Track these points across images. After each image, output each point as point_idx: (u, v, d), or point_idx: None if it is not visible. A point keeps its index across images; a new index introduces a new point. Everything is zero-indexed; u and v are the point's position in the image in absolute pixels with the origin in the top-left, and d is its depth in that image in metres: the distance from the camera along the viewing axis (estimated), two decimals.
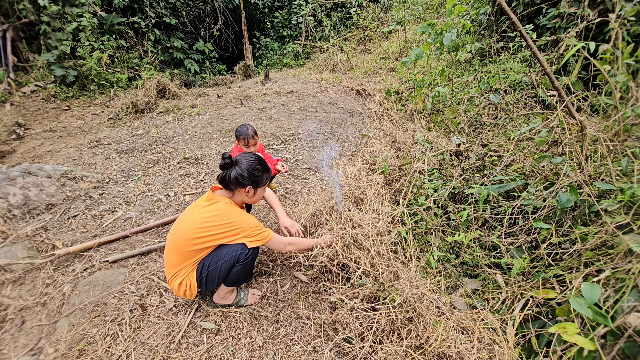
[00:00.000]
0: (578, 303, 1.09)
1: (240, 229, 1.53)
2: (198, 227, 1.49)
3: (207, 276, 1.57)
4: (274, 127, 4.41)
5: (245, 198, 1.62)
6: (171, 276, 1.58)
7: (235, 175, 1.53)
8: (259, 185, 1.62)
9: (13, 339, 1.68)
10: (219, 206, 1.54)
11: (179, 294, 1.61)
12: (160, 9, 7.75)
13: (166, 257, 1.60)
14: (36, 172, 2.84)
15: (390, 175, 2.43)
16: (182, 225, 1.55)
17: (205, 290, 1.63)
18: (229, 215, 1.53)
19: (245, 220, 1.56)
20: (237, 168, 1.54)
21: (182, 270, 1.56)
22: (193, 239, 1.49)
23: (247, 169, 1.55)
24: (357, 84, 5.97)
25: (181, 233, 1.52)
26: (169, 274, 1.59)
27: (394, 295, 1.45)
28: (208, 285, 1.60)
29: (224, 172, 1.55)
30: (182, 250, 1.52)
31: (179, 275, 1.57)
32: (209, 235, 1.50)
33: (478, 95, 3.51)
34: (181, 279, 1.56)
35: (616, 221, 1.36)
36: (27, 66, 6.10)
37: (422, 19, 7.86)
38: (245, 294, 1.80)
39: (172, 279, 1.58)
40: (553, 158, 1.83)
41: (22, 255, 2.13)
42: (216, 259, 1.55)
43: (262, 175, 1.62)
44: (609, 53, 1.83)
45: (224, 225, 1.51)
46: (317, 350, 1.53)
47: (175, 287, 1.58)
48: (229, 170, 1.54)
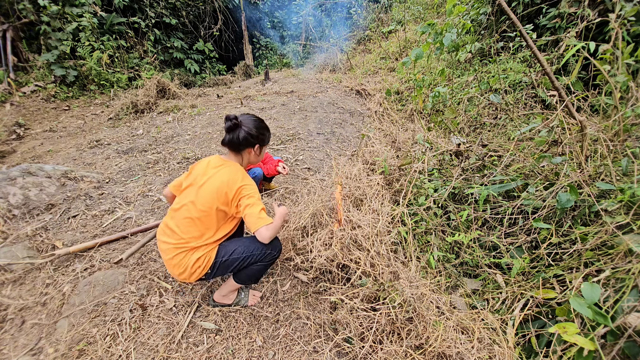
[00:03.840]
0: (578, 303, 1.09)
1: (254, 191, 1.52)
2: (225, 187, 1.47)
3: (226, 262, 1.54)
4: (274, 127, 4.41)
5: (252, 158, 1.65)
6: (189, 249, 1.50)
7: (244, 134, 1.54)
8: (264, 143, 1.66)
9: (13, 339, 1.68)
10: (238, 167, 1.57)
11: (187, 270, 1.50)
12: (160, 9, 7.75)
13: (183, 228, 1.50)
14: (36, 172, 2.84)
15: (390, 175, 2.43)
16: (203, 190, 1.49)
17: (213, 276, 1.59)
18: (246, 176, 1.55)
19: (254, 185, 1.56)
20: (244, 127, 1.55)
21: (205, 245, 1.52)
22: (223, 200, 1.47)
23: (254, 127, 1.58)
24: (357, 84, 5.97)
25: (205, 196, 1.48)
26: (184, 246, 1.49)
27: (394, 295, 1.45)
28: (219, 271, 1.57)
29: (231, 135, 1.55)
30: (209, 216, 1.49)
31: (200, 250, 1.51)
32: (237, 195, 1.48)
33: (478, 95, 3.51)
34: (201, 253, 1.51)
35: (616, 221, 1.36)
36: (27, 66, 6.10)
37: (422, 19, 7.86)
38: (246, 295, 1.80)
39: (189, 253, 1.50)
40: (553, 158, 1.83)
41: (22, 255, 2.13)
42: (243, 249, 1.56)
43: (267, 133, 1.66)
44: (609, 53, 1.83)
45: (248, 187, 1.51)
46: (317, 350, 1.53)
47: (189, 262, 1.49)
48: (237, 132, 1.54)
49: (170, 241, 1.51)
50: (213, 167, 1.55)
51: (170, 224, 1.53)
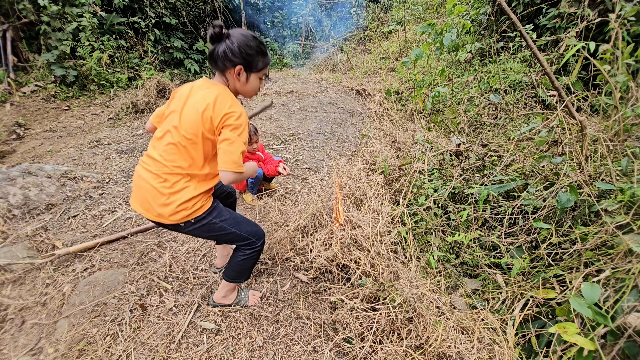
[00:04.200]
0: (578, 303, 1.09)
1: (243, 127, 1.31)
2: (210, 111, 1.26)
3: (214, 225, 1.44)
4: (274, 127, 4.41)
5: (237, 84, 1.37)
6: (178, 175, 1.32)
7: (224, 49, 1.29)
8: (252, 68, 1.36)
9: (13, 339, 1.68)
10: (227, 91, 1.34)
11: (171, 206, 1.31)
12: (160, 9, 7.75)
13: (167, 155, 1.32)
14: (36, 172, 2.84)
15: (390, 175, 2.43)
16: (186, 113, 1.30)
17: (190, 231, 1.43)
18: (236, 102, 1.33)
19: (245, 116, 1.34)
20: (228, 41, 1.30)
21: (195, 178, 1.36)
22: (208, 127, 1.28)
23: (238, 42, 1.30)
24: (357, 84, 5.97)
25: (189, 121, 1.28)
26: (170, 174, 1.31)
27: (394, 295, 1.45)
28: (200, 230, 1.44)
29: (213, 46, 1.33)
30: (195, 144, 1.30)
31: (191, 188, 1.34)
32: (222, 123, 1.28)
33: (478, 95, 3.51)
34: (196, 194, 1.34)
35: (616, 221, 1.36)
36: (27, 66, 6.10)
37: (422, 19, 7.86)
38: (246, 295, 1.80)
39: (180, 182, 1.32)
40: (553, 158, 1.83)
41: (22, 255, 2.13)
42: (233, 222, 1.48)
43: (256, 56, 1.35)
44: (609, 53, 1.83)
45: (236, 115, 1.29)
46: (317, 350, 1.53)
47: (179, 197, 1.32)
48: (220, 44, 1.31)
49: (152, 169, 1.33)
50: (198, 89, 1.34)
51: (153, 154, 1.35)
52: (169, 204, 1.31)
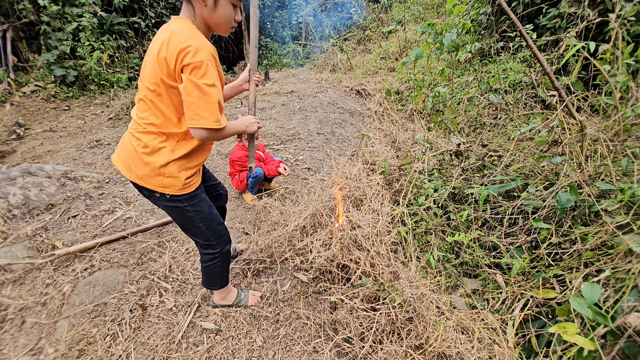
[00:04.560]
0: (578, 303, 1.09)
1: (205, 65, 1.05)
2: (164, 51, 1.07)
3: (186, 211, 1.33)
4: (274, 127, 4.41)
5: (204, 12, 1.14)
6: (152, 134, 1.19)
7: None
8: None
9: (13, 339, 1.68)
10: (186, 24, 1.12)
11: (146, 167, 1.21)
12: (160, 9, 7.75)
13: (139, 113, 1.22)
14: (36, 172, 2.84)
15: (390, 175, 2.43)
16: (146, 61, 1.17)
17: (163, 204, 1.32)
18: (193, 34, 1.08)
19: (206, 50, 1.06)
20: None
21: (171, 138, 1.20)
22: (166, 71, 1.09)
23: None
24: (357, 84, 5.97)
25: (148, 69, 1.14)
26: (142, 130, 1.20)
27: (394, 295, 1.45)
28: (172, 211, 1.34)
29: None
30: (159, 95, 1.14)
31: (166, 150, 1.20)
32: (179, 63, 1.06)
33: (478, 95, 3.51)
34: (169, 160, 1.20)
35: (616, 221, 1.36)
36: (27, 66, 6.10)
37: (422, 19, 7.86)
38: (246, 295, 1.80)
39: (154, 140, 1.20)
40: (553, 158, 1.83)
41: (22, 255, 2.13)
42: (204, 217, 1.38)
43: None
44: (609, 53, 1.83)
45: (194, 51, 1.04)
46: (317, 350, 1.53)
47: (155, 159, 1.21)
48: None
49: (131, 129, 1.25)
50: (160, 30, 1.15)
51: (132, 113, 1.27)
52: (146, 164, 1.21)
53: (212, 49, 1.11)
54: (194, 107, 1.09)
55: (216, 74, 1.12)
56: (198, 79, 1.06)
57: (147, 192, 1.29)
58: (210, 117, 1.11)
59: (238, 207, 2.76)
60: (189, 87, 1.07)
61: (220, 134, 1.20)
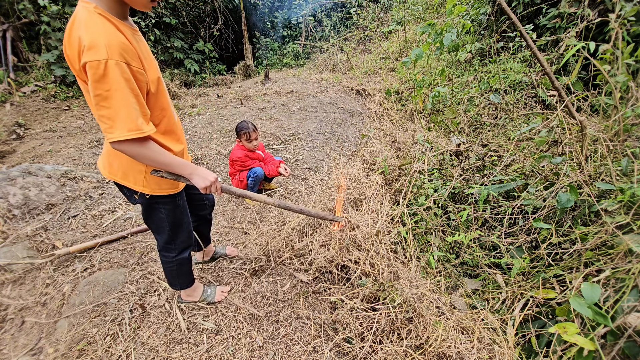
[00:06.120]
0: (578, 303, 1.09)
1: (104, 63, 0.86)
2: (67, 47, 0.95)
3: (156, 210, 1.33)
4: (274, 127, 4.41)
5: None
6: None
7: None
8: None
9: (13, 339, 1.68)
10: (86, 4, 0.93)
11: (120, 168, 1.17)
12: (160, 9, 7.75)
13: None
14: (36, 172, 2.84)
15: (390, 175, 2.43)
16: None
17: (136, 201, 1.29)
18: (91, 23, 0.89)
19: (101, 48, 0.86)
20: None
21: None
22: (77, 69, 0.95)
23: None
24: (357, 84, 5.97)
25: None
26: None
27: (394, 295, 1.45)
28: (145, 209, 1.34)
29: None
30: (86, 89, 0.99)
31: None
32: (76, 51, 0.90)
33: (478, 95, 3.51)
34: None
35: (616, 221, 1.36)
36: (27, 66, 6.10)
37: (422, 19, 7.85)
38: (212, 291, 1.81)
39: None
40: (553, 158, 1.83)
41: (22, 255, 2.13)
42: (171, 216, 1.37)
43: None
44: (609, 53, 1.83)
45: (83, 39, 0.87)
46: (317, 350, 1.53)
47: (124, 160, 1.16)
48: None
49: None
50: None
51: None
52: (114, 161, 1.15)
53: (118, 39, 0.89)
54: (102, 120, 0.93)
55: (122, 69, 0.90)
56: (99, 82, 0.88)
57: (128, 192, 1.27)
58: (122, 126, 0.91)
59: (238, 207, 2.76)
60: (90, 94, 0.91)
61: (150, 151, 1.00)
